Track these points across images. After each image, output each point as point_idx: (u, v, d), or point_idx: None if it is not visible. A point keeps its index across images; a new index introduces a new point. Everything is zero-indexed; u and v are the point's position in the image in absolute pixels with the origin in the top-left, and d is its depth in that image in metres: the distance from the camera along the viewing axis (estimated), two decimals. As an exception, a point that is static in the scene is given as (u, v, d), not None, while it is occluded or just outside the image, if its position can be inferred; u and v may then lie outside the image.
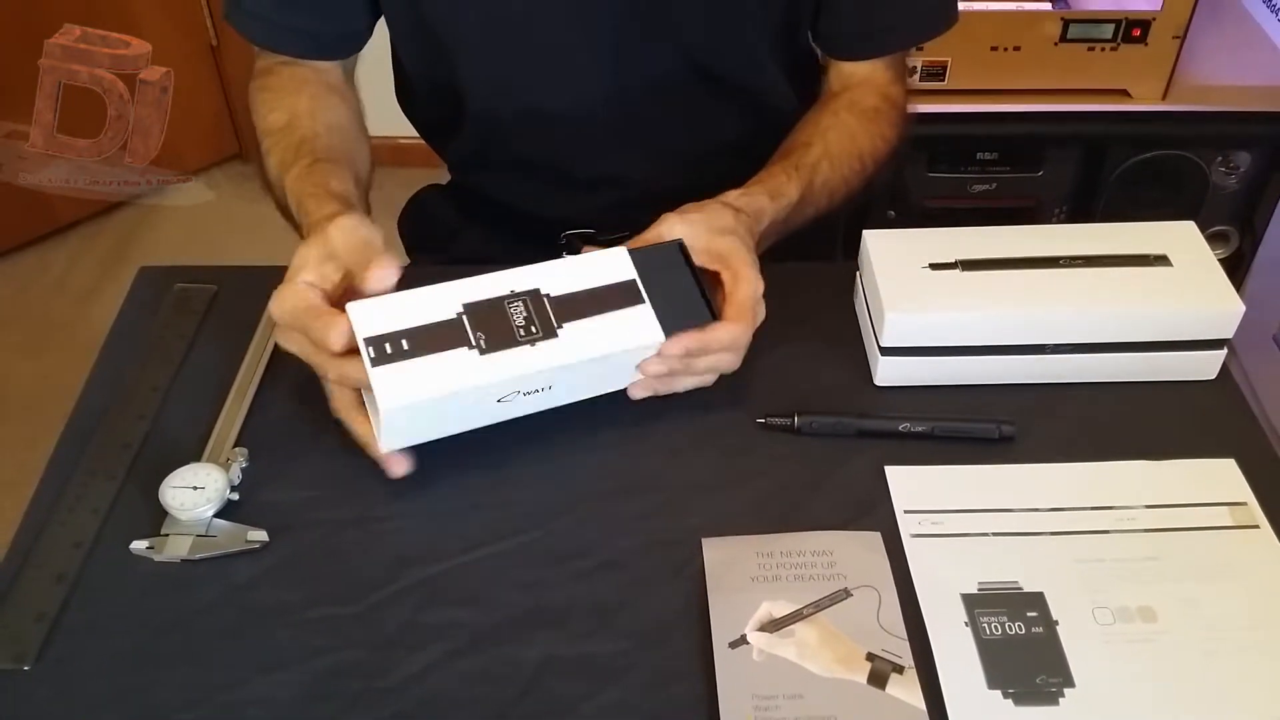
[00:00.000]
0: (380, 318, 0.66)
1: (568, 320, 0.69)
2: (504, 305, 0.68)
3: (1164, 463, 0.73)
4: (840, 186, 0.90)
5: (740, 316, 0.73)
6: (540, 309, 0.69)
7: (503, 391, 0.68)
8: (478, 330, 0.67)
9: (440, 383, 0.65)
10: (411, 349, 0.65)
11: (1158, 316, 0.76)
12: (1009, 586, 0.66)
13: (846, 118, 0.92)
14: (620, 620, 0.64)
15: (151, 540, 0.67)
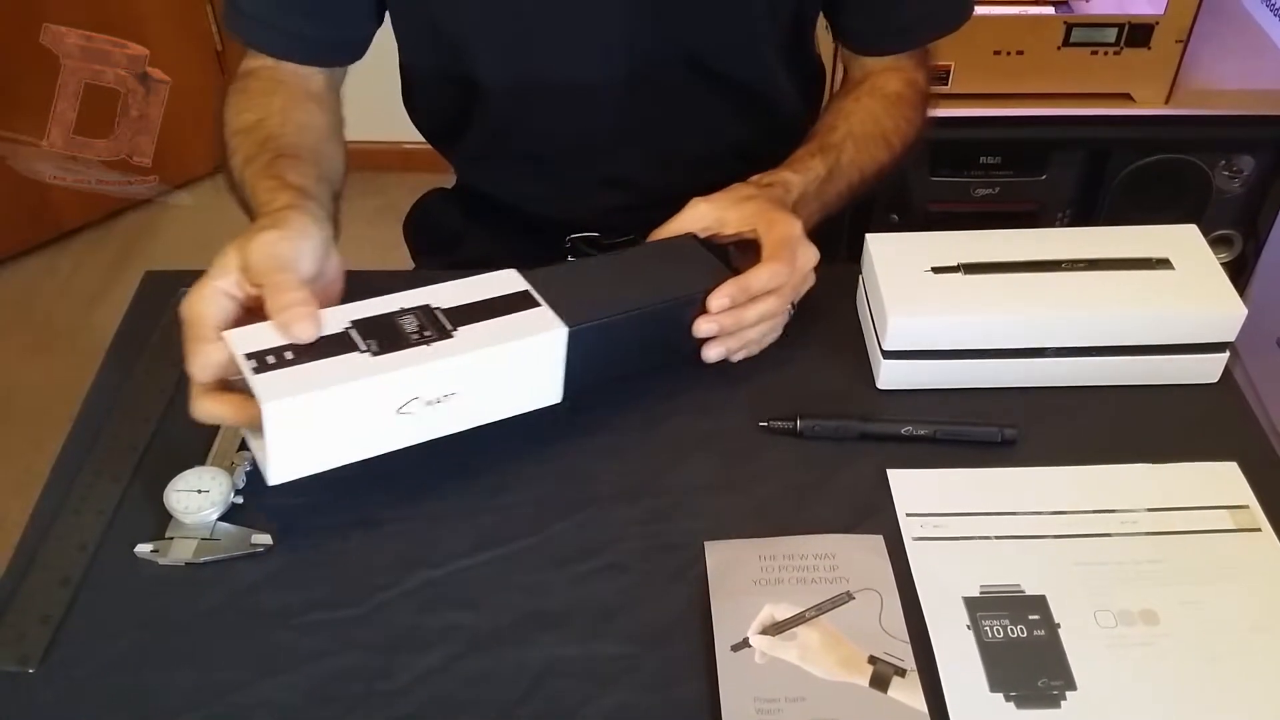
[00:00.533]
0: (263, 336, 0.63)
1: (462, 324, 0.67)
2: (393, 318, 0.66)
3: (1166, 466, 0.73)
4: (869, 164, 0.91)
5: (775, 255, 0.76)
6: (432, 318, 0.67)
7: (401, 397, 0.64)
8: (368, 339, 0.64)
9: (328, 382, 0.61)
10: (296, 358, 0.62)
11: (1160, 320, 0.76)
12: (1011, 589, 0.66)
13: (869, 102, 0.94)
14: (622, 623, 0.65)
15: (156, 543, 0.67)
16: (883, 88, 0.95)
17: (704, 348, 0.77)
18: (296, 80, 0.89)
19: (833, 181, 0.88)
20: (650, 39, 0.88)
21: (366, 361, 0.63)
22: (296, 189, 0.74)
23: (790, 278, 0.76)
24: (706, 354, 0.77)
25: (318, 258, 0.69)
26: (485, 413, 0.69)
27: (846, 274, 0.84)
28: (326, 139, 0.87)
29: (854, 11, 0.94)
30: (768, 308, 0.76)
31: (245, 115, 0.85)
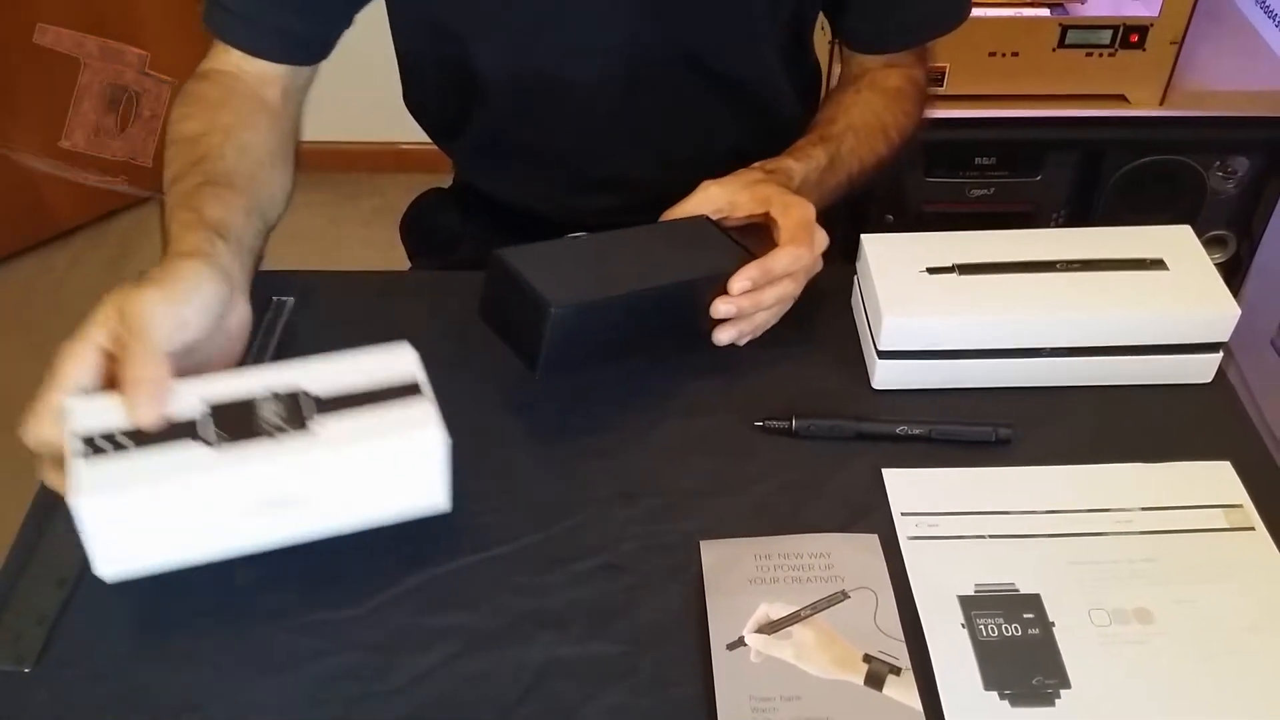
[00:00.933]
0: (102, 412, 0.58)
1: (327, 414, 0.60)
2: (255, 403, 0.60)
3: (1160, 465, 0.73)
4: (869, 156, 0.92)
5: (795, 238, 0.76)
6: (294, 406, 0.60)
7: (242, 497, 0.58)
8: (219, 427, 0.59)
9: (155, 479, 0.56)
10: (132, 444, 0.57)
11: (1154, 320, 0.76)
12: (1006, 588, 0.66)
13: (869, 95, 0.94)
14: (619, 623, 0.65)
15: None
16: (882, 82, 0.96)
17: (716, 330, 0.77)
18: (252, 91, 0.85)
19: (833, 171, 0.89)
20: (651, 38, 0.89)
21: (204, 455, 0.57)
22: (211, 228, 0.70)
23: (809, 261, 0.77)
24: (719, 336, 0.78)
25: (204, 322, 0.64)
26: (348, 518, 0.63)
27: (841, 274, 0.84)
28: (269, 164, 0.82)
29: (854, 12, 0.95)
30: (784, 290, 0.77)
31: (189, 124, 0.81)
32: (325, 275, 0.88)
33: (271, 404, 0.60)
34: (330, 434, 0.60)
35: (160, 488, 0.56)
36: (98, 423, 0.58)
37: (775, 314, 0.79)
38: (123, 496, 0.56)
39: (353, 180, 2.24)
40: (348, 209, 2.17)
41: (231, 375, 0.62)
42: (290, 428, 0.59)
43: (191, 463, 0.57)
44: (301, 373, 0.63)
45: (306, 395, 0.61)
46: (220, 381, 0.61)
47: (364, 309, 0.85)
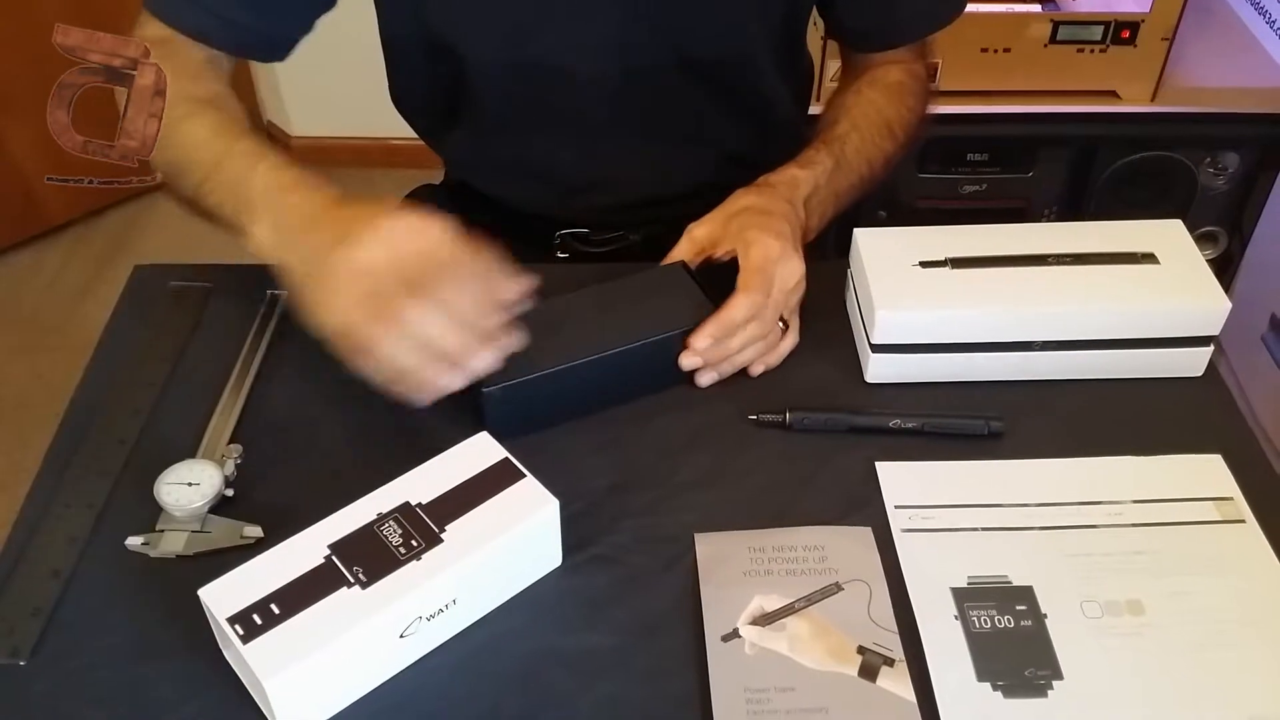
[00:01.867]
0: (238, 592, 0.59)
1: (449, 520, 0.62)
2: (374, 530, 0.62)
3: (1152, 458, 0.74)
4: (876, 155, 0.92)
5: (748, 284, 0.76)
6: (415, 520, 0.62)
7: (402, 623, 0.60)
8: (354, 565, 0.60)
9: (325, 636, 0.57)
10: (284, 611, 0.58)
11: (1145, 314, 0.77)
12: (998, 580, 0.66)
13: (870, 93, 0.94)
14: (614, 614, 0.65)
15: (147, 536, 0.67)
16: (883, 79, 0.95)
17: (696, 375, 0.78)
18: (218, 73, 0.83)
19: (842, 174, 0.89)
20: (642, 38, 0.88)
21: (358, 597, 0.58)
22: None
23: (767, 304, 0.77)
24: (699, 380, 0.78)
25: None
26: (488, 603, 0.65)
27: (835, 269, 0.85)
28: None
29: (848, 10, 0.95)
30: (750, 334, 0.77)
31: (199, 86, 0.79)
32: (319, 269, 0.87)
33: (391, 527, 0.62)
34: (466, 537, 0.62)
35: (333, 645, 0.57)
36: (238, 602, 0.59)
37: (752, 353, 0.78)
38: (303, 665, 0.56)
39: (343, 176, 2.23)
40: (340, 204, 2.16)
41: (335, 517, 0.63)
42: (424, 544, 0.61)
43: (350, 611, 0.58)
44: (403, 489, 0.64)
45: (418, 507, 0.63)
46: (331, 524, 0.62)
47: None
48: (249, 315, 0.82)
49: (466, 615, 0.64)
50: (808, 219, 0.84)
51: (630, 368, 0.76)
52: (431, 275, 0.65)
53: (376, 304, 0.64)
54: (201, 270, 0.87)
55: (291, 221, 0.70)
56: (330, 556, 0.60)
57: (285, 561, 0.60)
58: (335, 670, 0.59)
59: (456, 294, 0.65)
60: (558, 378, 0.73)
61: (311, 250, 0.67)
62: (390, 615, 0.59)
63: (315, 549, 0.61)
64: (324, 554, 0.61)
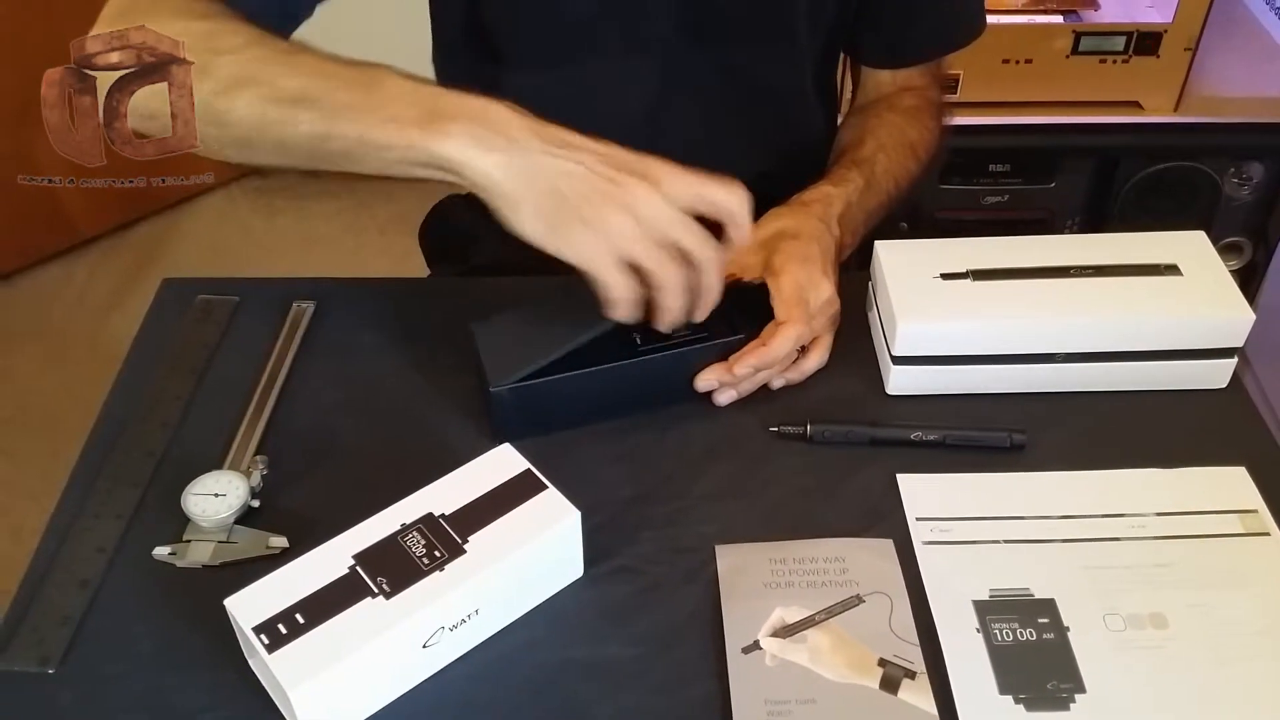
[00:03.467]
0: (263, 601, 0.60)
1: (472, 532, 0.63)
2: (398, 541, 0.62)
3: (1175, 470, 0.73)
4: (902, 174, 0.93)
5: (790, 315, 0.76)
6: (439, 531, 0.63)
7: (425, 633, 0.61)
8: (378, 575, 0.61)
9: (350, 645, 0.58)
10: (309, 620, 0.59)
11: (1168, 325, 0.76)
12: (1020, 593, 0.66)
13: (889, 115, 0.95)
14: (634, 625, 0.65)
15: (174, 546, 0.68)
16: (899, 103, 0.97)
17: (714, 394, 0.78)
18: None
19: (872, 193, 0.90)
20: (688, 53, 0.89)
21: (382, 607, 0.59)
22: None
23: (805, 335, 0.77)
24: (717, 399, 0.78)
25: None
26: (510, 613, 0.65)
27: (856, 281, 0.85)
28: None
29: (869, 27, 0.95)
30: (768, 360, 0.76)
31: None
32: (343, 282, 0.88)
33: (415, 538, 0.62)
34: (488, 547, 0.62)
35: (357, 655, 0.58)
36: (264, 611, 0.59)
37: (769, 374, 0.78)
38: (327, 674, 0.57)
39: (369, 189, 2.25)
40: (363, 217, 2.18)
41: (359, 528, 0.63)
42: (447, 555, 0.62)
43: (374, 621, 0.59)
44: (426, 500, 0.65)
45: (441, 517, 0.64)
46: (354, 535, 0.63)
47: (382, 316, 0.85)
48: (275, 328, 0.83)
49: (488, 625, 0.64)
50: (842, 235, 0.85)
51: (644, 379, 0.76)
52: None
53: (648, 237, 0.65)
54: (229, 284, 0.88)
55: (522, 129, 0.66)
56: (355, 567, 0.61)
57: (310, 571, 0.61)
58: (359, 679, 0.59)
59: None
60: (569, 383, 0.74)
61: (585, 167, 0.66)
62: (414, 625, 0.59)
63: (340, 559, 0.62)
64: (349, 564, 0.61)
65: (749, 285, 0.80)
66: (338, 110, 0.66)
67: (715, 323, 0.78)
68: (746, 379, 0.77)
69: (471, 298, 0.85)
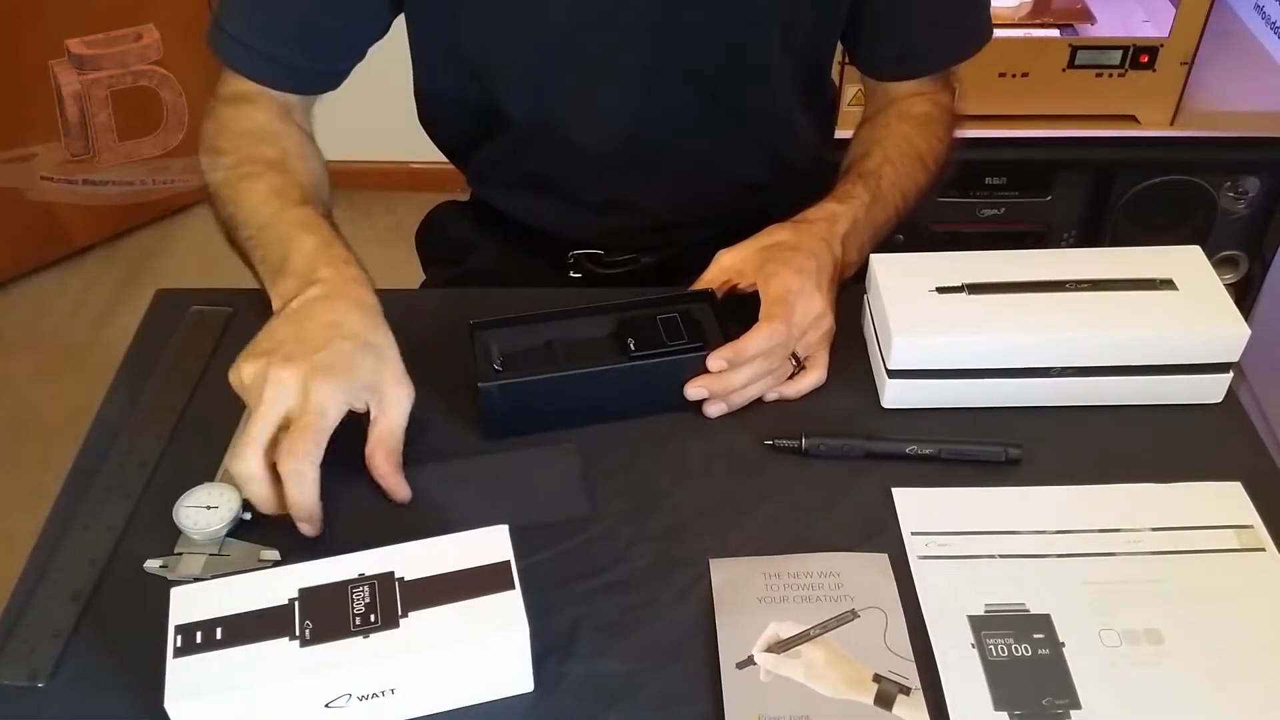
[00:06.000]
0: (201, 603, 0.59)
1: (416, 608, 0.60)
2: (346, 590, 0.60)
3: (1170, 486, 0.73)
4: (910, 186, 0.92)
5: (770, 314, 0.76)
6: (387, 595, 0.60)
7: (329, 693, 0.58)
8: (307, 618, 0.59)
9: (241, 680, 0.56)
10: (224, 638, 0.58)
11: (1163, 340, 0.76)
12: (1016, 608, 0.66)
13: (899, 125, 0.94)
14: (627, 641, 0.65)
15: (165, 559, 0.68)
16: (910, 110, 0.95)
17: (704, 405, 0.78)
18: (290, 115, 0.88)
19: (880, 207, 0.89)
20: (667, 70, 0.89)
21: (293, 653, 0.57)
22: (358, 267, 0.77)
23: (784, 337, 0.77)
24: (707, 410, 0.78)
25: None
26: (435, 704, 0.62)
27: (852, 295, 0.85)
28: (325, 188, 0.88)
29: (872, 41, 0.95)
30: (756, 370, 0.77)
31: (265, 149, 0.84)
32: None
33: (363, 592, 0.60)
34: (419, 632, 0.59)
35: (245, 691, 0.57)
36: (197, 613, 0.59)
37: (758, 389, 0.78)
38: (209, 699, 0.57)
39: (366, 198, 2.25)
40: (361, 226, 2.18)
41: (327, 561, 0.62)
42: (380, 623, 0.59)
43: (278, 664, 0.57)
44: (395, 556, 0.62)
45: (398, 581, 0.61)
46: (316, 567, 0.61)
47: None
48: (268, 339, 0.83)
49: (413, 707, 0.61)
50: (845, 254, 0.85)
51: (635, 385, 0.76)
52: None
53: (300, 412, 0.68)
54: (223, 295, 0.88)
55: (299, 297, 0.73)
56: (295, 601, 0.60)
57: (254, 590, 0.60)
58: (246, 714, 0.58)
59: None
60: (559, 384, 0.74)
61: (296, 323, 0.72)
62: (317, 682, 0.57)
63: (287, 588, 0.60)
64: (291, 595, 0.60)
65: (745, 294, 0.80)
66: (247, 239, 0.81)
67: (709, 332, 0.78)
68: (736, 389, 0.77)
69: (463, 309, 0.85)
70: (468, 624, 0.59)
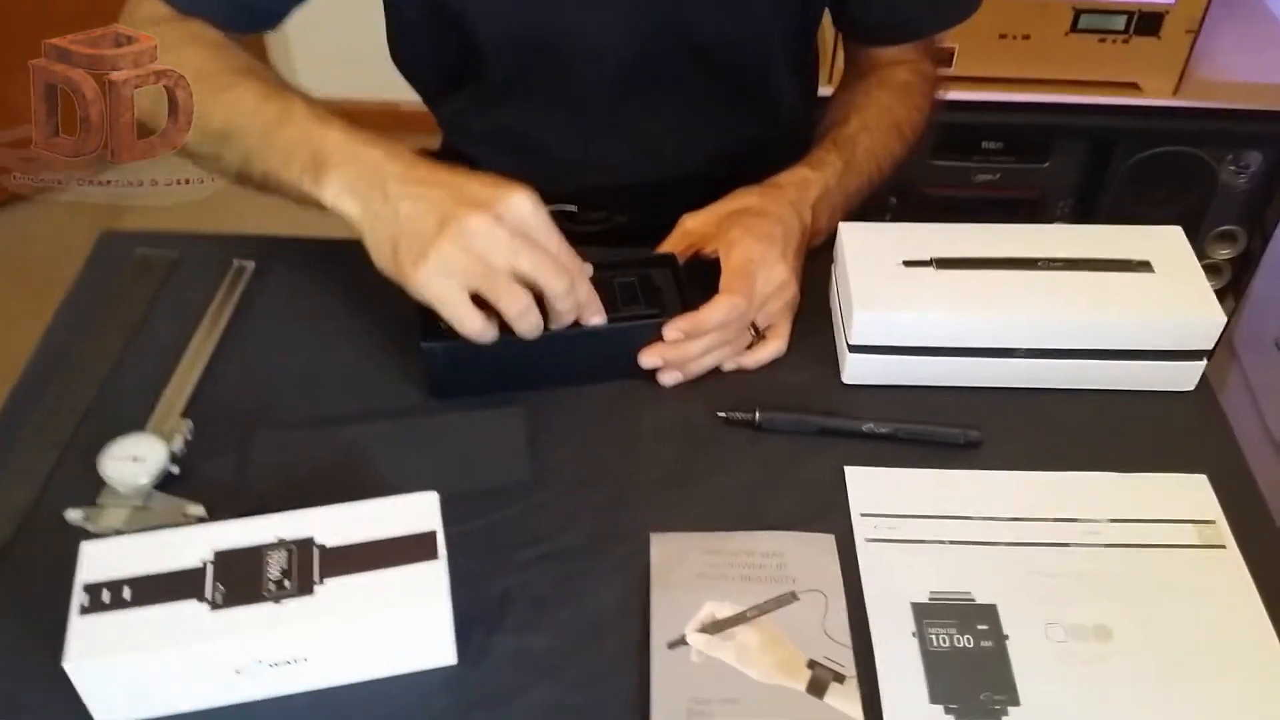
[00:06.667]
0: (111, 559, 0.57)
1: (333, 575, 0.57)
2: (261, 554, 0.58)
3: (1133, 476, 0.71)
4: (885, 155, 0.90)
5: (730, 286, 0.74)
6: (305, 560, 0.58)
7: (238, 659, 0.56)
8: (220, 581, 0.56)
9: (145, 641, 0.54)
10: (133, 598, 0.55)
11: (1136, 325, 0.73)
12: (961, 597, 0.64)
13: (879, 94, 0.92)
14: (559, 614, 0.63)
15: (87, 510, 0.66)
16: (890, 79, 0.93)
17: (659, 373, 0.75)
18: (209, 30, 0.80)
19: (852, 175, 0.87)
20: (654, 20, 0.86)
21: (201, 618, 0.55)
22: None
23: (744, 309, 0.74)
24: (661, 379, 0.76)
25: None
26: (350, 674, 0.59)
27: (821, 265, 0.82)
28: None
29: (859, 4, 0.92)
30: (712, 341, 0.74)
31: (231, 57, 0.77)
32: (288, 241, 0.85)
33: (279, 557, 0.58)
34: (334, 600, 0.56)
35: (150, 654, 0.55)
36: (106, 572, 0.57)
37: (714, 359, 0.76)
38: (111, 659, 0.54)
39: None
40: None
41: (245, 522, 0.59)
42: (294, 589, 0.56)
43: (187, 627, 0.55)
44: (317, 520, 0.59)
45: (318, 547, 0.58)
46: (233, 528, 0.59)
47: (325, 278, 0.82)
48: (215, 286, 0.80)
49: (327, 676, 0.59)
50: (815, 220, 0.82)
51: (587, 351, 0.73)
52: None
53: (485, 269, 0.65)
54: (170, 238, 0.85)
55: (385, 174, 0.68)
56: (209, 563, 0.57)
57: (167, 549, 0.58)
58: (149, 678, 0.56)
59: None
60: (506, 346, 0.70)
61: (428, 204, 0.66)
62: (226, 648, 0.55)
63: (201, 549, 0.58)
64: (205, 557, 0.57)
65: (707, 259, 0.77)
66: (251, 149, 0.71)
67: (668, 299, 0.75)
68: (693, 360, 0.74)
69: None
70: (386, 594, 0.57)
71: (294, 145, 0.70)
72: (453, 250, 0.65)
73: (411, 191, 0.67)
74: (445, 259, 0.65)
